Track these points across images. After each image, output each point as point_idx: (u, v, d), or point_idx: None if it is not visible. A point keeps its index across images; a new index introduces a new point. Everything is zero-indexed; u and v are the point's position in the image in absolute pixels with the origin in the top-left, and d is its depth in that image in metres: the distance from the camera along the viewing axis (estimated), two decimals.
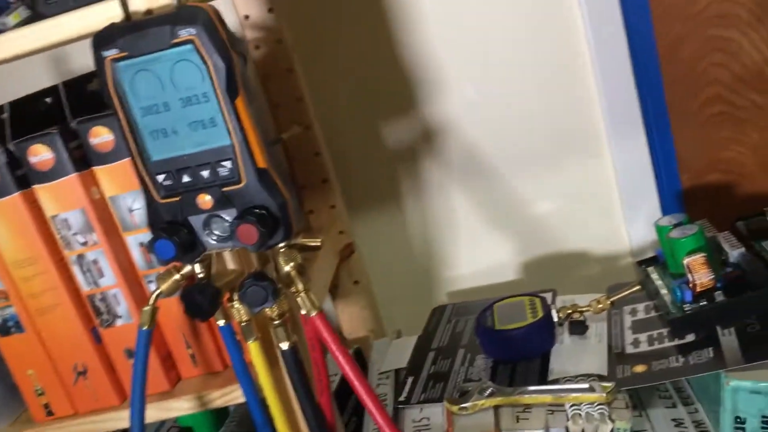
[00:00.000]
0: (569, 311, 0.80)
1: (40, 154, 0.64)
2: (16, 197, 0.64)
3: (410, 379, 0.80)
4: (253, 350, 0.63)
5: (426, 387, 0.78)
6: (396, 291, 1.03)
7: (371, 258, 1.01)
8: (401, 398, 0.77)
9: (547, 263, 1.00)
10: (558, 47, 0.92)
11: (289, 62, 0.89)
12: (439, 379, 0.78)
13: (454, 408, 0.72)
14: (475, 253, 1.01)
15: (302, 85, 0.90)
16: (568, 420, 0.67)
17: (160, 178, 0.57)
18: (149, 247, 0.57)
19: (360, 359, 0.90)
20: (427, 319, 0.93)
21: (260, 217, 0.55)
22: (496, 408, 0.71)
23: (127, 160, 0.65)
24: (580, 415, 0.67)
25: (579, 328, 0.79)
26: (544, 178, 0.97)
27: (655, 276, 0.80)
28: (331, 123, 0.96)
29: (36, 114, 0.68)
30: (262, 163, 0.56)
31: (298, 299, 0.57)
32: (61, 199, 0.65)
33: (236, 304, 0.62)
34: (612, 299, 0.79)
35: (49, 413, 0.71)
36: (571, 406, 0.68)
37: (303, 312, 0.58)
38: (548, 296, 0.85)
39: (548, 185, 0.97)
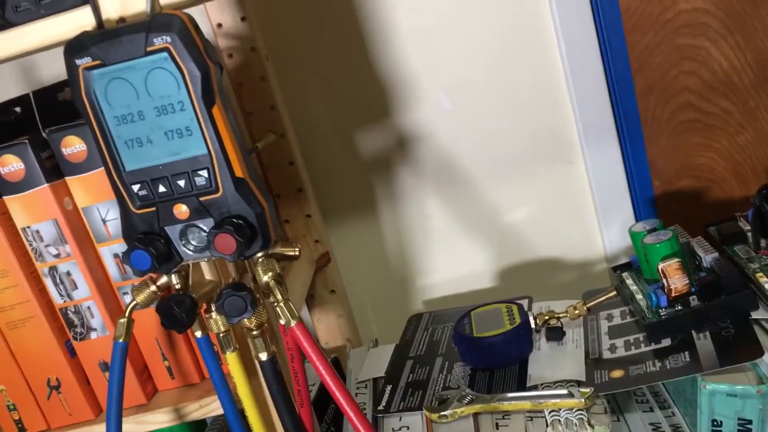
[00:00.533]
0: (546, 317, 0.80)
1: (11, 165, 0.62)
2: None
3: (389, 388, 0.80)
4: (231, 361, 0.62)
5: (405, 395, 0.77)
6: (372, 299, 1.03)
7: (347, 266, 1.00)
8: (380, 407, 0.77)
9: (522, 270, 1.00)
10: (531, 57, 0.93)
11: (262, 70, 0.88)
12: (417, 387, 0.78)
13: (434, 416, 0.72)
14: (450, 260, 1.01)
15: (276, 93, 0.90)
16: (547, 426, 0.67)
17: (136, 188, 0.56)
18: (125, 259, 0.57)
19: (337, 368, 0.89)
20: (404, 328, 0.93)
21: (238, 227, 0.55)
22: (476, 415, 0.71)
23: (100, 170, 0.64)
24: (559, 421, 0.67)
25: (556, 334, 0.79)
26: (519, 185, 0.97)
27: (630, 281, 0.81)
28: (305, 131, 0.96)
29: (5, 124, 0.66)
30: (239, 172, 0.55)
31: (277, 309, 0.56)
32: (33, 210, 0.63)
33: (214, 315, 0.61)
34: (588, 305, 0.80)
35: (22, 429, 0.70)
36: (551, 412, 0.69)
37: (282, 322, 0.58)
38: (524, 303, 0.85)
39: (523, 193, 0.97)
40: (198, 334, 0.63)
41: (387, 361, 0.86)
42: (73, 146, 0.63)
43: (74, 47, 0.53)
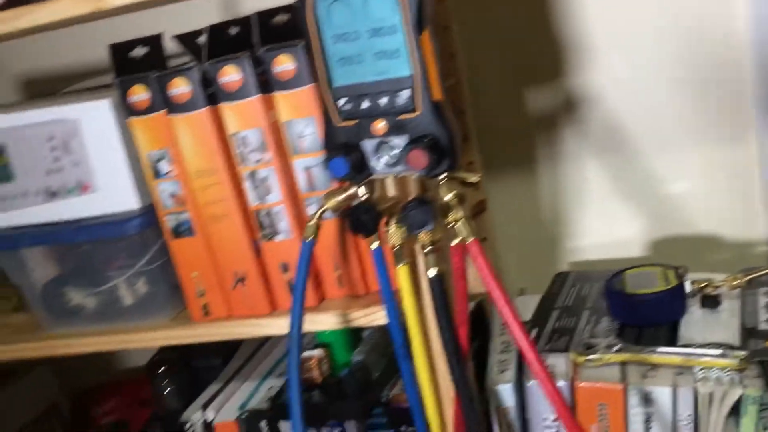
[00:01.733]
0: (703, 284, 0.80)
1: (230, 75, 0.70)
2: (204, 112, 0.71)
3: (535, 330, 0.83)
4: (402, 274, 0.68)
5: (551, 338, 0.80)
6: (518, 253, 1.06)
7: (498, 217, 1.04)
8: None
9: (676, 243, 1.00)
10: (714, 25, 0.91)
11: (447, 20, 0.92)
12: (563, 333, 0.81)
13: (581, 359, 0.74)
14: (603, 225, 1.02)
15: (456, 42, 0.94)
16: (696, 382, 0.68)
17: (341, 102, 0.62)
18: (324, 165, 0.63)
19: (481, 312, 0.93)
20: (551, 283, 0.96)
21: (431, 145, 0.60)
22: (623, 364, 0.73)
23: (304, 89, 0.70)
24: (709, 378, 0.68)
25: (711, 302, 0.80)
26: (684, 157, 0.97)
27: None
28: (476, 82, 0.99)
29: (228, 40, 0.74)
30: (437, 95, 0.60)
31: (457, 226, 0.61)
32: (243, 118, 0.71)
33: (392, 229, 0.66)
34: (750, 276, 0.79)
35: (207, 313, 0.79)
36: (701, 369, 0.70)
37: (459, 240, 0.62)
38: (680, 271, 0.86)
39: (687, 165, 0.97)
40: (374, 245, 0.69)
41: (532, 309, 0.89)
42: (284, 64, 0.70)
43: None
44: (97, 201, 0.78)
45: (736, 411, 0.68)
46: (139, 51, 0.78)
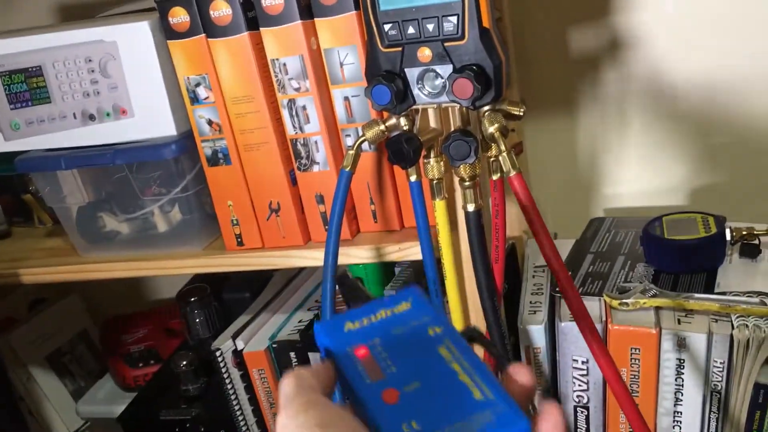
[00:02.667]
0: (744, 232, 0.79)
1: None
2: (244, 37, 0.70)
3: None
4: (439, 208, 0.67)
5: (584, 282, 0.80)
6: (554, 197, 1.04)
7: (535, 160, 1.02)
8: (558, 288, 0.79)
9: (717, 193, 0.97)
10: None
11: None
12: (597, 278, 0.80)
13: (615, 303, 0.73)
14: (641, 173, 1.00)
15: None
16: (733, 329, 0.68)
17: (387, 27, 0.61)
18: (366, 92, 0.62)
19: (513, 255, 0.92)
20: (585, 228, 0.94)
21: (477, 74, 0.58)
22: (657, 309, 0.73)
23: (346, 16, 0.69)
24: (746, 325, 0.67)
25: (751, 250, 0.78)
26: (730, 107, 0.94)
27: None
28: (519, 19, 0.96)
29: None
30: (486, 22, 0.58)
31: (500, 158, 0.60)
32: (284, 44, 0.70)
33: (432, 162, 0.66)
34: None
35: (240, 243, 0.79)
36: (738, 317, 0.69)
37: (500, 173, 0.61)
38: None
39: (732, 115, 0.94)
40: (413, 178, 0.68)
41: (566, 253, 0.88)
42: None
43: None
44: (133, 126, 0.78)
45: None
46: None
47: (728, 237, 0.78)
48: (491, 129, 0.61)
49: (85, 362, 1.23)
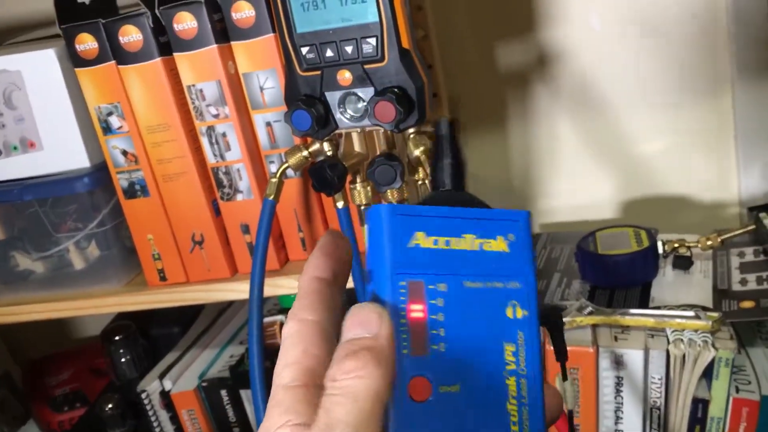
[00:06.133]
0: (675, 245, 0.79)
1: (185, 22, 0.65)
2: (157, 62, 0.67)
3: None
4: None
5: None
6: None
7: (467, 176, 1.01)
8: None
9: (648, 204, 0.98)
10: None
11: None
12: None
13: None
14: (574, 186, 1.00)
15: None
16: (669, 344, 0.67)
17: (304, 50, 0.58)
18: (286, 118, 0.59)
19: None
20: None
21: (399, 96, 0.56)
22: (594, 327, 0.72)
23: (264, 38, 0.66)
24: (682, 340, 0.67)
25: (684, 262, 0.78)
26: (658, 115, 0.94)
27: (767, 222, 0.78)
28: (446, 36, 0.95)
29: None
30: (406, 43, 0.57)
31: (427, 182, 0.58)
32: (200, 69, 0.67)
33: (358, 187, 0.63)
34: (723, 237, 0.78)
35: (163, 278, 0.75)
36: (673, 331, 0.68)
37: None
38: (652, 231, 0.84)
39: (660, 123, 0.95)
40: (340, 204, 0.65)
41: None
42: (243, 11, 0.65)
43: None
44: (43, 159, 0.73)
45: (708, 373, 0.67)
46: None
47: (660, 250, 0.78)
48: (417, 152, 0.59)
49: (8, 407, 1.15)
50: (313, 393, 0.27)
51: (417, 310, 0.26)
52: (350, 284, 0.69)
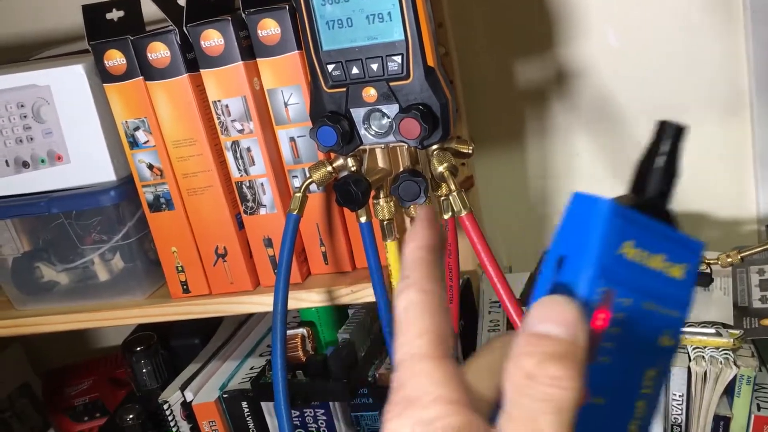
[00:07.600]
0: None
1: (212, 40, 0.67)
2: (184, 79, 0.68)
3: (524, 309, 0.81)
4: (391, 249, 0.65)
5: None
6: (505, 230, 1.04)
7: (486, 194, 1.01)
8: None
9: None
10: (710, 1, 0.89)
11: None
12: None
13: None
14: None
15: (445, 11, 0.91)
16: (690, 361, 0.67)
17: (330, 67, 0.59)
18: (311, 134, 0.60)
19: (469, 290, 0.91)
20: (539, 260, 0.94)
21: (423, 113, 0.57)
22: None
23: (289, 55, 0.67)
24: (703, 357, 0.67)
25: (704, 279, 0.78)
26: None
27: None
28: (465, 53, 0.96)
29: (209, 3, 0.71)
30: (431, 61, 0.57)
31: (450, 197, 0.58)
32: (226, 85, 0.68)
33: (381, 202, 0.64)
34: (743, 254, 0.78)
35: (186, 290, 0.76)
36: (694, 348, 0.68)
37: (452, 212, 0.60)
38: None
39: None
40: (363, 219, 0.66)
41: (521, 287, 0.87)
42: (269, 29, 0.67)
43: None
44: (70, 172, 0.75)
45: (729, 391, 0.67)
46: (115, 13, 0.74)
47: None
48: (440, 168, 0.59)
49: (27, 418, 1.16)
50: (455, 365, 0.26)
51: (600, 319, 0.26)
52: (371, 298, 0.70)
